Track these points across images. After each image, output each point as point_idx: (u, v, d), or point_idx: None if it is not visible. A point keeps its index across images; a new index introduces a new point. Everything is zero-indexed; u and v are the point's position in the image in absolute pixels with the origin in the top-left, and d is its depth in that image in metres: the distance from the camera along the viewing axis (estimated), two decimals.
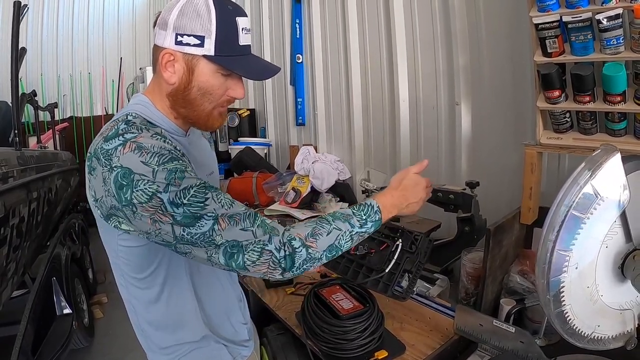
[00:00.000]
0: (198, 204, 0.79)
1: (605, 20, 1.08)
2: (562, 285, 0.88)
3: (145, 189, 0.77)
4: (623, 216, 0.90)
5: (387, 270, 1.26)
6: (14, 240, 1.98)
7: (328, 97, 2.94)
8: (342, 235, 0.89)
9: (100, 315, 3.50)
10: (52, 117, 4.54)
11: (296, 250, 0.83)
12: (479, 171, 1.90)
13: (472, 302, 1.44)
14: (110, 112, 6.61)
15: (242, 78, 0.96)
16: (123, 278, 0.99)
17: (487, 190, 1.70)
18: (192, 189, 0.79)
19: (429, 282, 1.48)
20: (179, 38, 0.86)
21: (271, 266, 0.82)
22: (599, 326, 0.96)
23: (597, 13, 1.10)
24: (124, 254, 0.93)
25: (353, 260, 1.39)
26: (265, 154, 3.48)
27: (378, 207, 0.96)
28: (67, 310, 2.52)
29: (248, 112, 3.77)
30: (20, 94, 2.70)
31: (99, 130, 0.91)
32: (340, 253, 0.91)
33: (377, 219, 0.95)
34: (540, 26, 1.22)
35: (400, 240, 1.32)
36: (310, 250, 0.85)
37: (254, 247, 0.81)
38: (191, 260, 0.97)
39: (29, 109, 5.16)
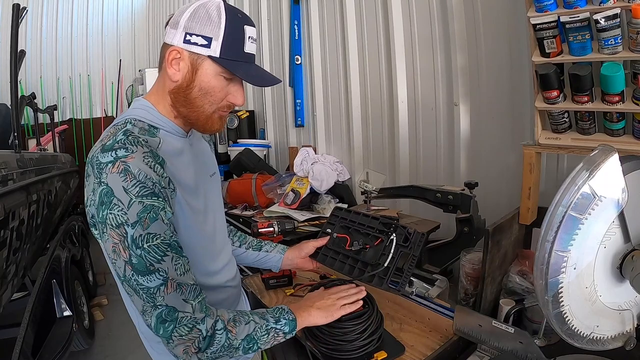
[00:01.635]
0: (156, 255, 0.81)
1: (603, 20, 1.08)
2: (560, 285, 0.88)
3: (117, 215, 0.80)
4: (621, 216, 0.90)
5: (385, 265, 1.27)
6: (14, 242, 1.98)
7: (327, 99, 2.95)
8: (258, 328, 0.94)
9: (100, 317, 3.50)
10: (52, 119, 4.54)
11: (217, 332, 0.86)
12: (477, 171, 1.91)
13: (472, 302, 1.44)
14: (109, 114, 6.62)
15: (243, 86, 0.98)
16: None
17: (486, 191, 1.70)
18: (157, 238, 0.82)
19: (428, 283, 1.48)
20: (188, 37, 0.89)
21: (193, 344, 0.84)
22: (597, 326, 0.96)
23: (595, 13, 1.10)
24: None
25: (349, 256, 1.39)
26: (265, 155, 3.48)
27: (289, 309, 1.04)
28: (67, 313, 2.52)
29: (247, 114, 3.77)
30: (19, 97, 2.70)
31: (99, 132, 0.93)
32: (257, 347, 0.94)
33: (290, 318, 1.02)
34: (538, 26, 1.22)
35: (394, 234, 1.31)
36: (229, 335, 0.88)
37: (188, 322, 0.83)
38: (194, 260, 0.99)
39: (28, 112, 5.17)
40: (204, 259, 1.03)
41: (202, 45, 0.89)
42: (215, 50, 0.89)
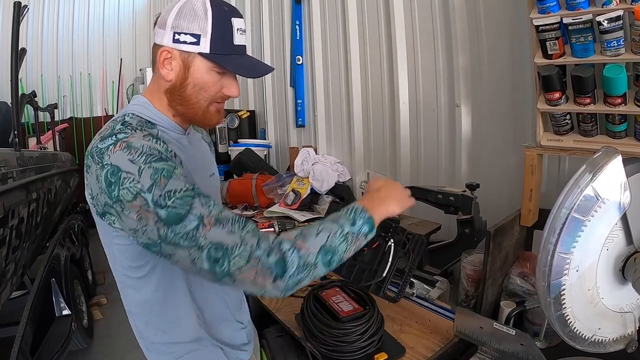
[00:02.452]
0: (183, 207, 0.78)
1: (605, 22, 1.08)
2: (562, 287, 0.88)
3: (130, 187, 0.77)
4: (624, 218, 0.90)
5: (383, 275, 1.24)
6: (13, 241, 1.98)
7: (328, 99, 2.94)
8: (332, 235, 0.84)
9: (99, 316, 3.49)
10: (52, 117, 4.54)
11: (286, 253, 0.79)
12: (479, 173, 1.90)
13: (472, 304, 1.43)
14: (110, 113, 6.61)
15: (237, 77, 0.98)
16: (119, 278, 0.99)
17: (487, 192, 1.70)
18: (178, 192, 0.78)
19: (429, 284, 1.48)
20: (177, 36, 0.89)
21: (260, 273, 0.78)
22: (599, 329, 0.95)
23: (598, 15, 1.10)
24: (119, 252, 0.94)
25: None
26: (265, 155, 3.48)
27: (362, 206, 0.92)
28: (66, 312, 2.51)
29: (248, 114, 3.76)
30: (20, 95, 2.70)
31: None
32: (338, 258, 0.86)
33: (365, 216, 0.90)
34: (540, 28, 1.22)
35: (392, 240, 1.26)
36: (301, 253, 0.80)
37: (241, 251, 0.77)
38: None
39: (28, 110, 5.16)
40: None
41: (191, 43, 0.89)
42: (205, 46, 0.89)
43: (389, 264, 1.23)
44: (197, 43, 0.88)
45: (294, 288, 0.82)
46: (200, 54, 0.90)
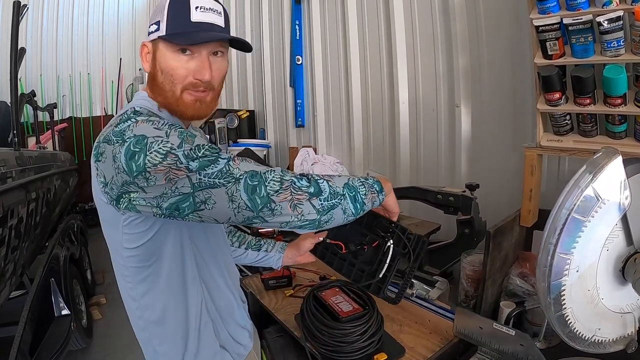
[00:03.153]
0: (212, 155, 0.80)
1: (605, 22, 1.08)
2: (562, 288, 0.88)
3: (160, 148, 0.78)
4: (624, 219, 0.90)
5: (380, 276, 1.22)
6: (13, 240, 1.98)
7: (328, 99, 2.94)
8: (352, 179, 0.90)
9: (98, 316, 3.49)
10: (51, 117, 4.54)
11: (317, 179, 0.84)
12: (478, 173, 1.90)
13: (472, 304, 1.43)
14: (109, 112, 6.60)
15: (208, 60, 0.94)
16: (122, 276, 0.99)
17: (487, 193, 1.70)
18: (204, 147, 0.80)
19: (429, 285, 1.48)
20: (149, 29, 0.95)
21: (295, 193, 0.80)
22: (599, 329, 0.95)
23: (598, 15, 1.10)
24: (128, 243, 0.93)
25: (345, 257, 1.36)
26: (265, 155, 3.48)
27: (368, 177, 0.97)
28: (65, 311, 2.51)
29: (247, 114, 3.77)
30: (19, 94, 2.70)
31: (99, 131, 0.93)
32: (360, 198, 0.89)
33: (374, 180, 0.96)
34: (540, 28, 1.22)
35: (391, 240, 1.21)
36: (330, 183, 0.85)
37: (274, 176, 0.80)
38: (194, 259, 0.99)
39: (28, 109, 5.15)
40: (199, 256, 1.03)
41: (154, 32, 0.93)
42: (162, 29, 0.92)
43: (386, 264, 1.22)
44: (158, 29, 0.93)
45: (329, 213, 0.84)
46: (160, 37, 0.92)
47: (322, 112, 3.00)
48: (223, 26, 0.95)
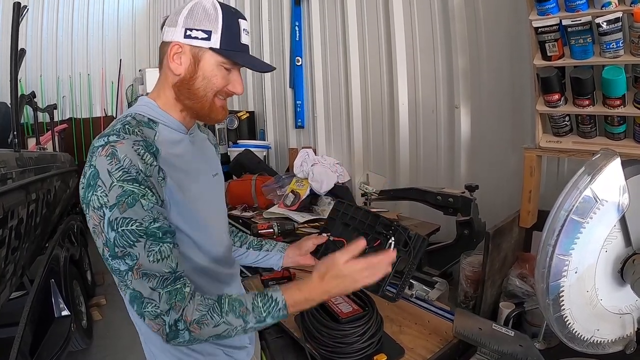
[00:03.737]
0: (129, 240, 0.82)
1: (604, 23, 1.09)
2: (561, 289, 0.88)
3: (100, 196, 0.82)
4: (623, 220, 0.90)
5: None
6: (13, 241, 1.98)
7: (327, 100, 2.95)
8: (231, 330, 0.88)
9: (98, 317, 3.49)
10: (51, 118, 4.54)
11: (179, 331, 0.85)
12: (478, 174, 1.91)
13: (471, 305, 1.43)
14: (109, 113, 6.61)
15: (241, 76, 1.03)
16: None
17: (486, 194, 1.70)
18: (132, 224, 0.83)
19: (428, 286, 1.48)
20: (188, 32, 0.94)
21: (157, 330, 0.85)
22: (598, 330, 0.96)
23: (597, 17, 1.10)
24: None
25: None
26: (264, 156, 3.48)
27: (284, 304, 0.91)
28: (65, 312, 2.51)
29: (247, 115, 3.77)
30: (19, 95, 2.70)
31: (98, 132, 0.94)
32: (229, 339, 0.93)
33: (280, 314, 0.91)
34: (540, 30, 1.22)
35: (392, 239, 1.24)
36: (193, 335, 0.86)
37: (152, 309, 0.84)
38: (187, 261, 0.99)
39: (28, 110, 5.15)
40: (195, 249, 1.03)
41: (202, 39, 0.94)
42: (216, 42, 0.95)
43: None
44: (209, 39, 0.94)
45: (180, 346, 0.91)
46: (211, 48, 0.95)
47: (321, 113, 3.00)
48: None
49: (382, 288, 1.20)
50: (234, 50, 0.97)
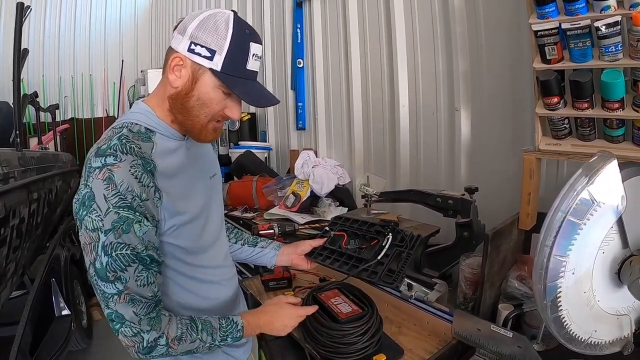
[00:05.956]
0: (121, 264, 0.84)
1: (604, 27, 1.09)
2: (559, 290, 0.89)
3: (95, 219, 0.83)
4: (620, 222, 0.91)
5: (378, 259, 1.31)
6: (14, 240, 1.99)
7: (328, 102, 2.95)
8: (201, 346, 0.97)
9: (99, 317, 3.48)
10: (53, 118, 4.55)
11: (159, 344, 0.90)
12: (478, 176, 1.91)
13: (470, 307, 1.44)
14: (111, 114, 6.64)
15: (240, 101, 0.98)
16: None
17: (486, 196, 1.70)
18: (126, 249, 0.85)
19: (428, 287, 1.48)
20: (192, 46, 0.89)
21: (133, 346, 0.89)
22: (595, 331, 0.96)
23: (596, 20, 1.11)
24: None
25: (344, 254, 1.41)
26: (266, 158, 3.49)
27: (242, 326, 1.04)
28: (65, 312, 2.52)
29: (249, 116, 3.78)
30: (22, 95, 2.71)
31: (100, 132, 0.95)
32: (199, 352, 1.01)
33: (238, 336, 1.03)
34: (539, 33, 1.23)
35: (390, 234, 1.37)
36: (170, 350, 0.92)
37: (133, 327, 0.87)
38: (187, 261, 1.01)
39: (30, 110, 5.18)
40: (194, 257, 1.04)
41: (205, 57, 0.89)
42: (217, 64, 0.89)
43: (384, 249, 1.33)
44: (211, 59, 0.89)
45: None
46: (211, 69, 0.90)
47: (322, 115, 3.01)
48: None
49: (380, 274, 1.27)
50: (235, 76, 0.91)
